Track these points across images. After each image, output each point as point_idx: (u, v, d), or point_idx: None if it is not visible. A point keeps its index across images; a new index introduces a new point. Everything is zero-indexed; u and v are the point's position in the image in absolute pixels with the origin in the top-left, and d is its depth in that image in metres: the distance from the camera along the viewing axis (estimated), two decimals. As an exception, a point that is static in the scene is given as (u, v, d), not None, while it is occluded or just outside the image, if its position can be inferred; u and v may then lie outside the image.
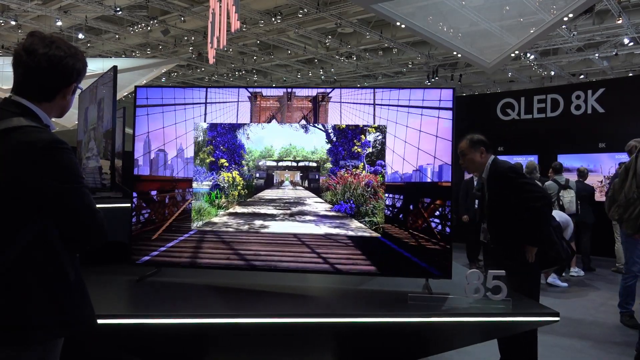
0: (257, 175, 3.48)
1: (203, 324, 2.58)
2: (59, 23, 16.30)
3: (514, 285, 3.34)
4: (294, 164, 3.41)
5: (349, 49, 18.83)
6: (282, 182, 3.51)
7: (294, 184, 3.47)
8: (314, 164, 3.39)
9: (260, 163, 3.39)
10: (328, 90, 3.36)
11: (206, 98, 3.39)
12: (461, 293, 2.84)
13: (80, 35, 17.40)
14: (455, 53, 12.70)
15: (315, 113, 3.34)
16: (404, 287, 3.09)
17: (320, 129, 3.34)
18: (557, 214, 6.27)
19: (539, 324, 2.92)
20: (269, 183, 3.43)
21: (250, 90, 3.44)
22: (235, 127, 3.38)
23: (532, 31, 11.87)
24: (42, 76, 1.80)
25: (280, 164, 3.43)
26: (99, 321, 1.93)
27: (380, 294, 3.11)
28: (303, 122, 3.37)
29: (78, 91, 1.99)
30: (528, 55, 17.89)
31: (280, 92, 3.40)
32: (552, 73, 20.74)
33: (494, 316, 2.72)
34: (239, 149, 3.41)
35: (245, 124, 3.39)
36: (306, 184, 3.42)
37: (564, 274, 7.81)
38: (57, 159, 1.71)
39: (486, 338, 3.23)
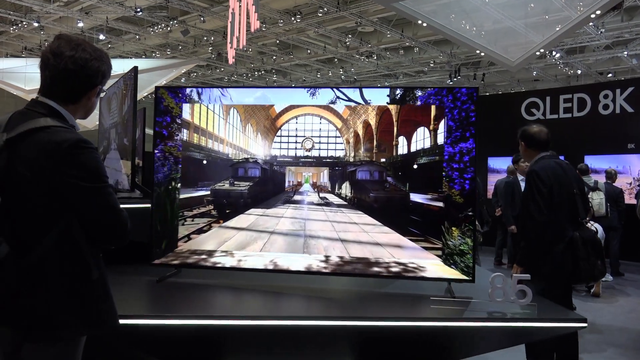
0: (242, 173, 3.37)
1: (222, 325, 2.60)
2: (81, 24, 16.57)
3: (540, 289, 3.29)
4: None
5: (369, 48, 18.78)
6: (298, 187, 3.42)
7: (319, 190, 3.37)
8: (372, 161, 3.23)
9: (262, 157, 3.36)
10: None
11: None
12: (485, 297, 2.81)
13: (101, 37, 17.66)
14: (478, 52, 12.57)
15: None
16: (425, 291, 3.07)
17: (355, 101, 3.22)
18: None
19: (565, 330, 2.88)
20: (268, 189, 3.37)
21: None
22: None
23: (557, 29, 11.69)
24: (68, 78, 1.84)
25: (296, 153, 3.31)
26: (120, 321, 1.96)
27: (401, 297, 3.10)
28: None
29: (102, 94, 2.02)
30: (554, 53, 17.62)
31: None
32: (579, 72, 20.38)
33: (518, 321, 2.69)
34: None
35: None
36: (349, 194, 3.31)
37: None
38: (82, 159, 1.75)
39: (511, 344, 3.19)
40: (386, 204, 3.21)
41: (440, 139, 3.09)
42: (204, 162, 3.40)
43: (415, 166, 3.19)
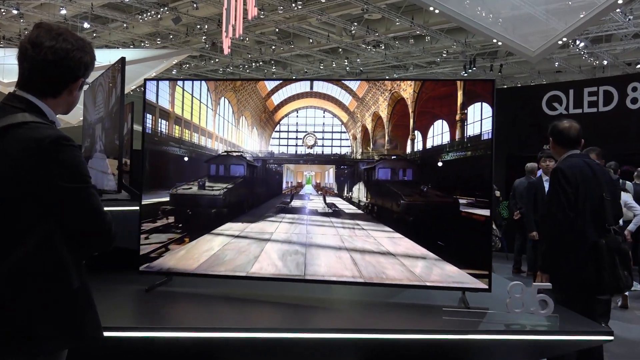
0: (222, 172, 3.14)
1: (217, 338, 2.60)
2: (63, 12, 16.62)
3: (561, 299, 3.28)
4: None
5: (376, 37, 18.78)
6: (298, 190, 3.24)
7: (324, 194, 3.18)
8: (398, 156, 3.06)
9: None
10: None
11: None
12: (502, 308, 2.80)
13: (86, 25, 17.70)
14: (495, 41, 12.55)
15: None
16: (437, 301, 3.06)
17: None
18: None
19: (589, 344, 2.87)
20: (257, 193, 3.21)
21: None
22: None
23: (582, 15, 11.65)
24: (49, 70, 1.84)
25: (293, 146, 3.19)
26: (105, 333, 1.96)
27: (411, 307, 3.09)
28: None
29: (85, 86, 2.02)
30: (577, 42, 17.57)
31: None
32: (605, 62, 20.32)
33: (538, 334, 2.68)
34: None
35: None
36: (364, 199, 3.13)
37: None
38: (63, 157, 1.75)
39: (531, 358, 3.18)
40: (426, 217, 3.01)
41: (471, 131, 2.99)
42: (185, 159, 3.25)
43: (440, 164, 3.07)
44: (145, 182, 3.34)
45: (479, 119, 3.02)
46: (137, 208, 3.37)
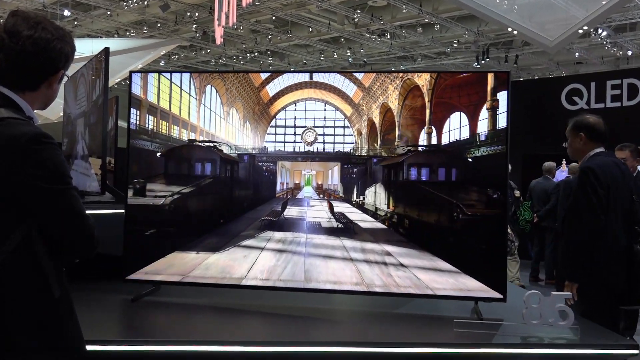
0: (184, 169, 2.94)
1: (209, 352, 2.59)
2: (42, -2, 16.63)
3: (584, 310, 3.28)
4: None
5: (381, 26, 18.77)
6: (295, 193, 3.02)
7: (327, 198, 2.97)
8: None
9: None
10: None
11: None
12: (518, 319, 2.80)
13: (66, 12, 17.71)
14: (510, 30, 12.53)
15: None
16: (447, 312, 3.06)
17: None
18: None
19: (613, 358, 2.87)
20: (236, 200, 3.00)
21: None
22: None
23: (604, 2, 11.65)
24: (27, 62, 1.84)
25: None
26: (88, 347, 1.96)
27: (419, 319, 3.09)
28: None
29: (65, 79, 2.03)
30: (599, 31, 17.57)
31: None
32: (629, 53, 20.33)
33: (557, 347, 2.68)
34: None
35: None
36: (384, 207, 2.93)
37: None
38: (42, 156, 1.75)
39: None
40: (493, 232, 2.82)
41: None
42: (158, 154, 3.11)
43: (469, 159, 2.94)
44: (131, 183, 3.33)
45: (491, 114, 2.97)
46: (122, 211, 3.36)
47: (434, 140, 3.00)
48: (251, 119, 3.18)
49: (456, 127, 2.96)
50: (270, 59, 23.69)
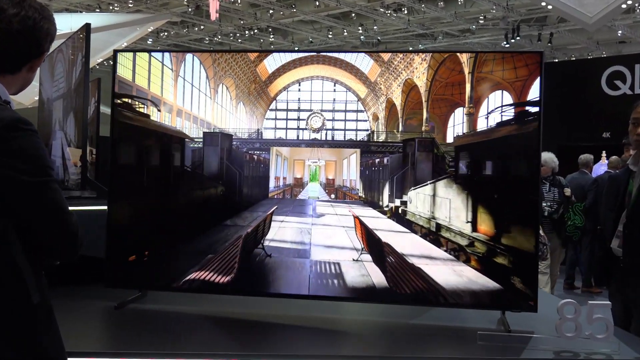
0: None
1: (202, 366, 2.62)
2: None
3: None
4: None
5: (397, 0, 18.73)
6: (298, 191, 2.63)
7: (336, 194, 2.49)
8: None
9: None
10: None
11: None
12: (550, 331, 2.80)
13: (42, -16, 17.73)
14: (544, 4, 12.48)
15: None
16: (471, 322, 3.06)
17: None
18: None
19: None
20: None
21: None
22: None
23: (651, -27, 11.58)
24: (12, 42, 1.86)
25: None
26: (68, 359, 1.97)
27: (438, 330, 3.09)
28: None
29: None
30: (646, 6, 17.48)
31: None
32: (680, 31, 20.23)
33: (594, 363, 2.68)
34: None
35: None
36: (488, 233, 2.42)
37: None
38: (21, 145, 1.76)
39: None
40: None
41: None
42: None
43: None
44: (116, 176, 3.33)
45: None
46: (105, 208, 3.38)
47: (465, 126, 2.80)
48: (246, 100, 3.01)
49: (495, 109, 2.76)
50: (271, 36, 23.66)
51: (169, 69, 2.96)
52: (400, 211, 2.54)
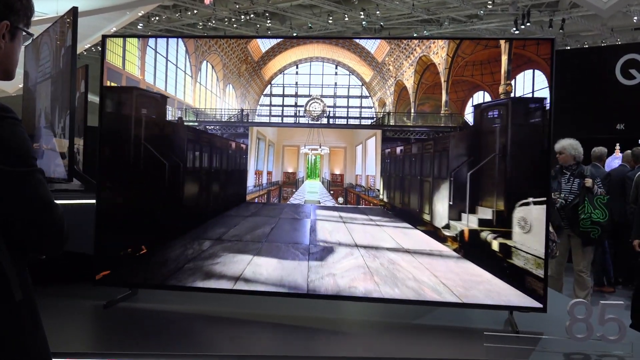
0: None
1: (195, 368, 2.62)
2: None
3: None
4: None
5: (401, -17, 18.69)
6: (289, 193, 2.29)
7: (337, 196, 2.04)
8: None
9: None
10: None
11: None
12: (560, 332, 2.81)
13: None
14: (555, -12, 12.46)
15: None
16: (477, 323, 3.07)
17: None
18: None
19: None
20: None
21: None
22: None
23: (669, -45, 11.55)
24: None
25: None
26: (54, 361, 1.98)
27: (443, 331, 3.10)
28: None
29: (27, 42, 2.02)
30: (663, -10, 17.45)
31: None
32: (699, 17, 20.20)
33: (607, 366, 2.70)
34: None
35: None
36: None
37: None
38: (2, 134, 1.75)
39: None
40: None
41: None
42: None
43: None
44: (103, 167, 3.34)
45: (530, 90, 2.79)
46: (94, 201, 3.38)
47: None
48: (236, 82, 2.79)
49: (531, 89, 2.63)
50: (268, 22, 23.59)
51: (148, 48, 2.80)
52: (484, 241, 2.30)
